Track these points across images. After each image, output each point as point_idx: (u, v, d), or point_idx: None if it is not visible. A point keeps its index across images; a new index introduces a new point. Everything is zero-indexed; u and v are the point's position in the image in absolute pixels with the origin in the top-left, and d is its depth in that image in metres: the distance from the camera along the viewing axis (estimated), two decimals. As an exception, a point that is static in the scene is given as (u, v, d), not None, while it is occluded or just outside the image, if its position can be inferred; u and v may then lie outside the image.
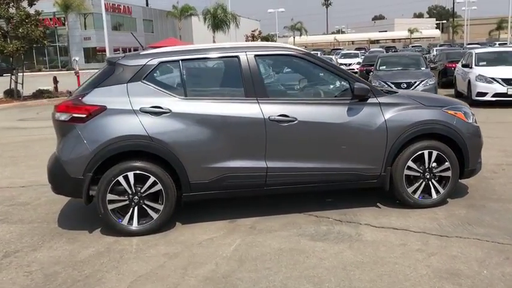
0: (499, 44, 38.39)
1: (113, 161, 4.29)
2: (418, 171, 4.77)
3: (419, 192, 4.82)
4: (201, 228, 4.53)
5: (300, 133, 4.52)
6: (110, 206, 4.33)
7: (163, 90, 4.47)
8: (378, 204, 5.00)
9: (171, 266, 3.76)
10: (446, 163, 4.78)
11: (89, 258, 3.95)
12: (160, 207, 4.40)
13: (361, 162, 4.67)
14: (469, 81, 13.11)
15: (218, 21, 40.60)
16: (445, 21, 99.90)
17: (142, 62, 4.48)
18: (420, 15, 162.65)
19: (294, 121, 4.46)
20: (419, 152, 4.72)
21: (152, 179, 4.32)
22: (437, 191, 4.83)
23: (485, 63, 13.75)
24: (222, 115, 4.43)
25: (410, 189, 4.78)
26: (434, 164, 4.78)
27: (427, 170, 4.78)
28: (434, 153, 4.75)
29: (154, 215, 4.40)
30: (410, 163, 4.73)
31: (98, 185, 4.29)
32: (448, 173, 4.81)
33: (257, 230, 4.45)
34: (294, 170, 4.56)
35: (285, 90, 5.07)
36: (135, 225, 4.38)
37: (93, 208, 4.46)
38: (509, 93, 12.18)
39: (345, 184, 4.76)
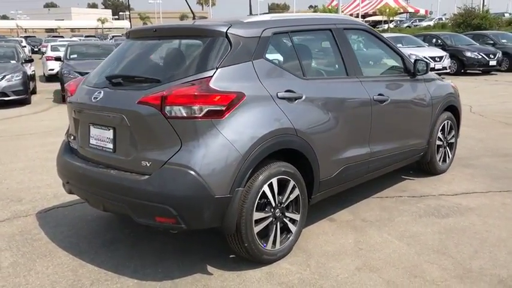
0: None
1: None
2: (441, 141, 5.21)
3: (441, 159, 5.28)
4: (318, 235, 3.77)
5: (391, 112, 4.28)
6: (256, 229, 3.14)
7: (285, 69, 3.47)
8: (402, 176, 5.21)
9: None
10: (453, 131, 5.39)
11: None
12: (297, 216, 3.46)
13: (417, 137, 4.77)
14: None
15: None
16: (126, 12, 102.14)
17: (257, 32, 3.33)
18: (94, 6, 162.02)
19: (387, 100, 4.19)
20: (443, 123, 5.16)
21: (292, 183, 3.34)
22: (448, 156, 5.39)
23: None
24: (341, 97, 3.77)
25: (438, 158, 5.19)
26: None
27: (445, 138, 5.28)
28: (449, 122, 5.28)
29: (293, 228, 3.43)
30: (439, 134, 5.11)
31: (236, 202, 3.03)
32: (453, 140, 5.43)
33: (378, 222, 4.00)
34: (385, 152, 4.29)
35: (367, 67, 4.60)
36: (278, 247, 3.31)
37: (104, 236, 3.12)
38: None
39: (405, 161, 4.75)
